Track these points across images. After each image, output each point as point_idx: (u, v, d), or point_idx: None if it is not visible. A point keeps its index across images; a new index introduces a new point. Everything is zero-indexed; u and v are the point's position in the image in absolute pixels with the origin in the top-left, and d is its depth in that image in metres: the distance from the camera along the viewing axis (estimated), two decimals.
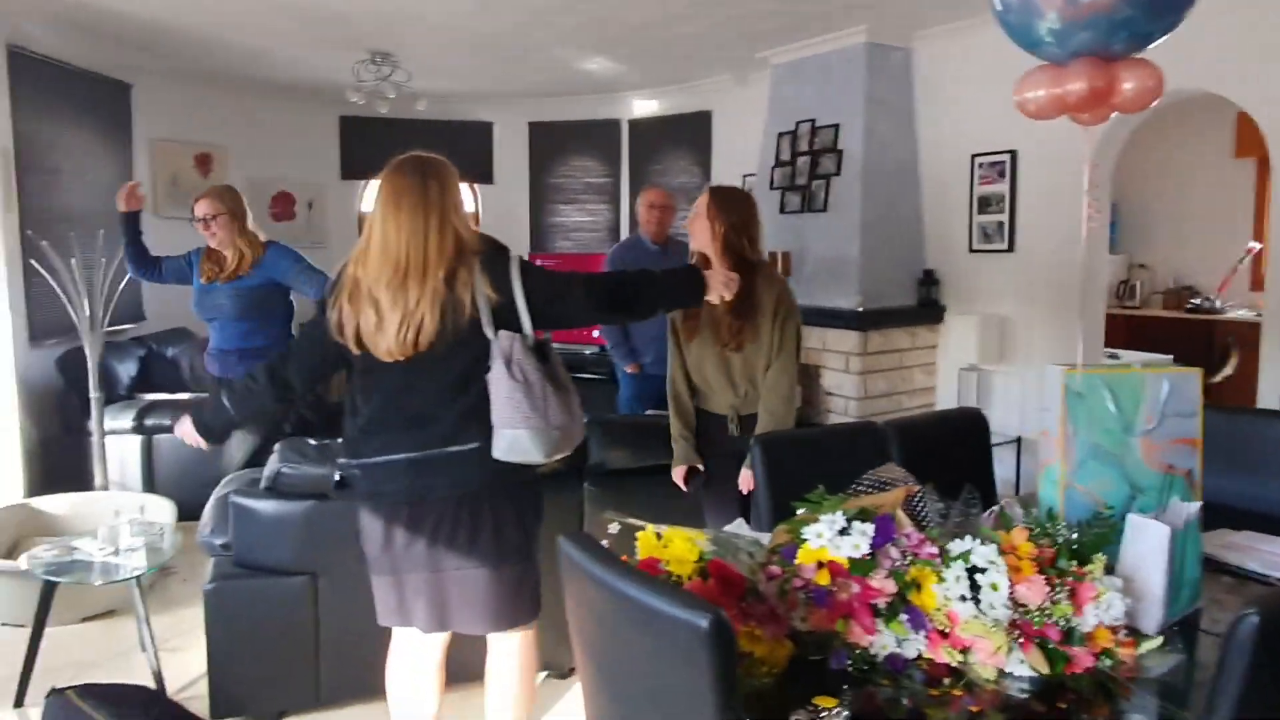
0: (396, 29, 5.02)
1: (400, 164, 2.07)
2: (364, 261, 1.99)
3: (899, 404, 5.13)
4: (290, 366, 2.16)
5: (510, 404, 1.94)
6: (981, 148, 4.85)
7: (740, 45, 5.46)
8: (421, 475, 2.00)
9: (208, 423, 2.28)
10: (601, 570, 1.27)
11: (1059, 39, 1.76)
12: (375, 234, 1.98)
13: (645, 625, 1.22)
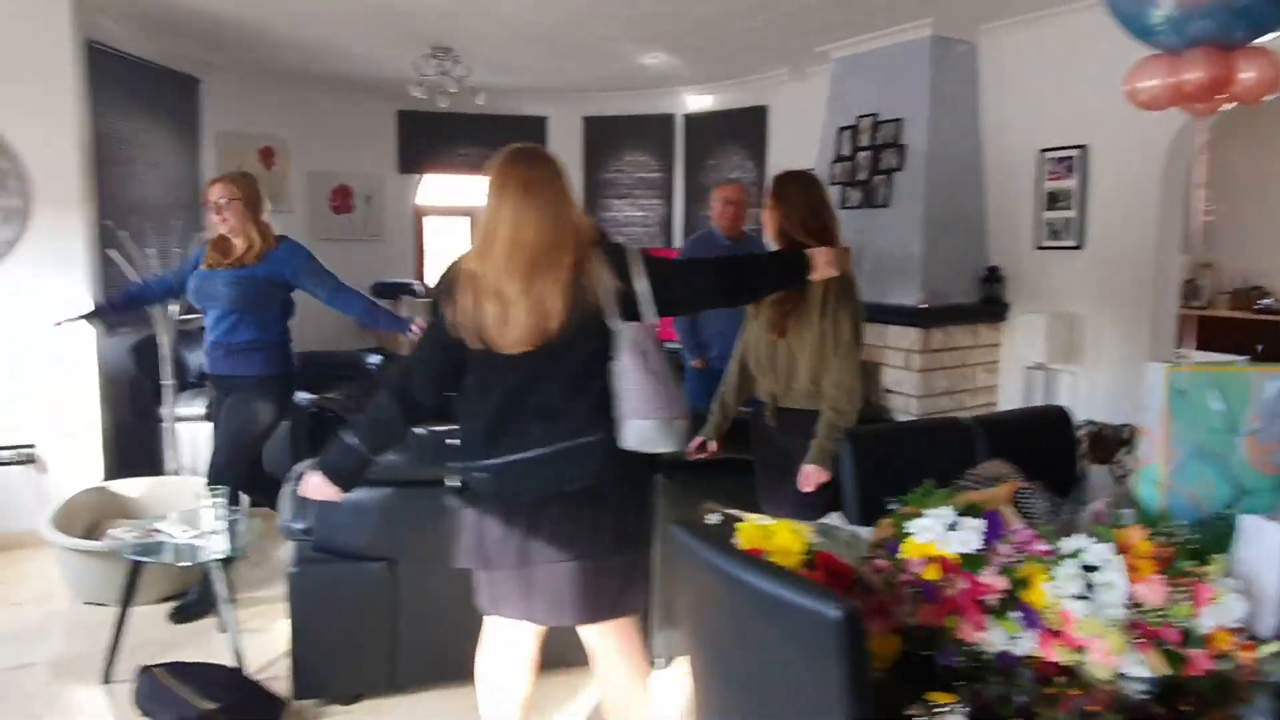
0: (460, 23, 5.06)
1: (519, 154, 2.01)
2: (487, 254, 1.93)
3: (960, 402, 5.06)
4: (416, 383, 2.07)
5: (642, 395, 1.93)
6: (1050, 142, 4.77)
7: (800, 39, 5.43)
8: (551, 470, 1.98)
9: (338, 468, 2.14)
10: (724, 560, 1.28)
11: (1175, 27, 1.73)
12: (504, 224, 1.91)
13: (771, 616, 1.21)
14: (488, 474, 2.01)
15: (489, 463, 2.01)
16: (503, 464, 1.99)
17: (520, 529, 2.01)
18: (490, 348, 1.95)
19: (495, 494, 2.03)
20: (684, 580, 1.42)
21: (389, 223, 7.48)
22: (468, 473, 2.06)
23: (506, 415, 1.99)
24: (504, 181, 1.95)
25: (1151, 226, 4.39)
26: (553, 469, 1.98)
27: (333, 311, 3.68)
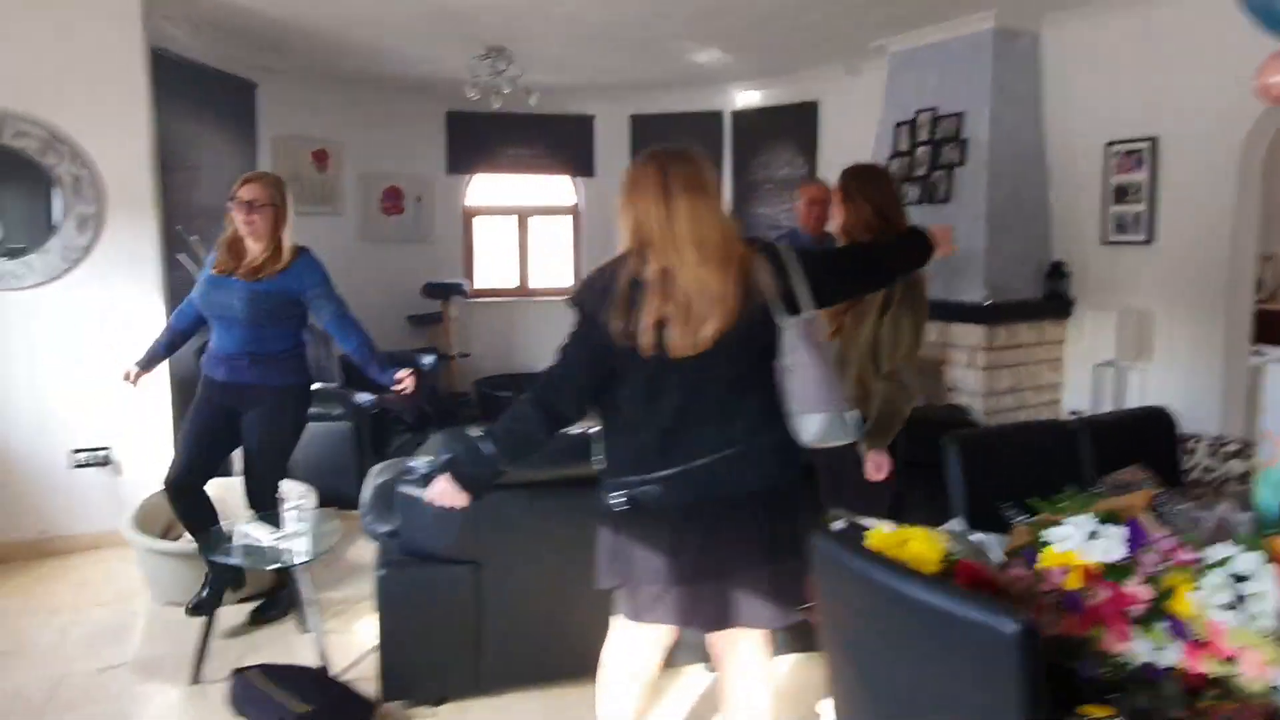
0: (520, 22, 5.06)
1: (678, 154, 1.96)
2: (675, 254, 1.85)
3: (1024, 401, 4.99)
4: (563, 394, 1.98)
5: (822, 387, 1.91)
6: (1117, 135, 4.68)
7: (856, 34, 5.37)
8: (732, 474, 1.92)
9: (472, 476, 2.04)
10: (880, 571, 1.25)
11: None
12: (682, 223, 1.85)
13: (936, 630, 1.19)
14: (659, 487, 1.91)
15: (662, 474, 1.91)
16: (679, 473, 1.90)
17: (697, 539, 1.93)
18: (666, 352, 1.87)
19: (670, 506, 1.92)
20: (828, 591, 1.40)
21: (438, 223, 7.52)
22: (635, 487, 1.94)
23: (680, 421, 1.91)
24: (669, 181, 1.88)
25: (1226, 219, 4.30)
26: (733, 473, 1.92)
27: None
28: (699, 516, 1.92)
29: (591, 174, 7.80)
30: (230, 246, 3.24)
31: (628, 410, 1.95)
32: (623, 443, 1.98)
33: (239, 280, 3.19)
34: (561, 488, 2.80)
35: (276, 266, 3.21)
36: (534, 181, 7.89)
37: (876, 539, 1.57)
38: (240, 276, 3.19)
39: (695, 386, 1.90)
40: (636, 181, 1.93)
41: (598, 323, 1.90)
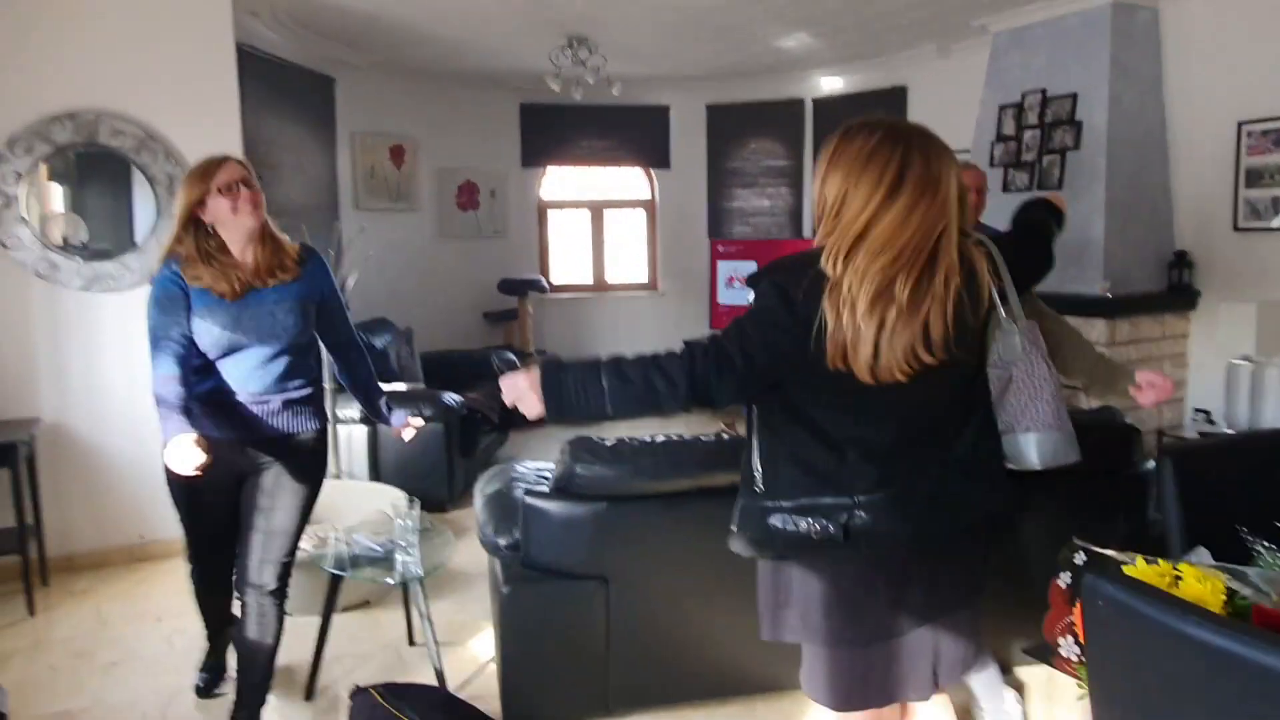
0: (606, 11, 4.91)
1: (918, 132, 1.63)
2: (884, 253, 1.55)
3: None
4: (725, 381, 1.59)
5: (1054, 401, 1.69)
6: (1251, 114, 4.36)
7: (956, 13, 5.11)
8: (955, 500, 1.68)
9: (566, 399, 1.61)
10: (1200, 626, 1.06)
11: None
12: (916, 216, 1.55)
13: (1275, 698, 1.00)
14: (874, 511, 1.62)
15: (878, 496, 1.62)
16: (898, 496, 1.62)
17: (923, 577, 1.70)
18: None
19: (887, 535, 1.63)
20: (1111, 642, 1.20)
21: (512, 218, 7.41)
22: (837, 513, 1.63)
23: (898, 440, 1.64)
24: (902, 170, 1.55)
25: None
26: (958, 499, 1.67)
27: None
28: (923, 549, 1.68)
29: (667, 166, 7.62)
30: (208, 259, 2.37)
31: (825, 423, 1.65)
32: (811, 459, 1.65)
33: (273, 288, 2.43)
34: (695, 498, 2.64)
35: (293, 258, 2.50)
36: (608, 174, 7.74)
37: (1142, 576, 1.37)
38: (263, 283, 2.41)
39: (916, 402, 1.63)
40: (850, 154, 1.58)
41: (799, 316, 1.57)
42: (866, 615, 1.68)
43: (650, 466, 2.64)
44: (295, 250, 2.53)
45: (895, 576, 1.67)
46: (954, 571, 1.73)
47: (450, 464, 4.84)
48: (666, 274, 7.81)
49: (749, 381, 1.61)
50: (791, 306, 1.57)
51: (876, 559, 1.66)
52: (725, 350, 1.59)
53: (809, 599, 1.70)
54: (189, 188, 2.37)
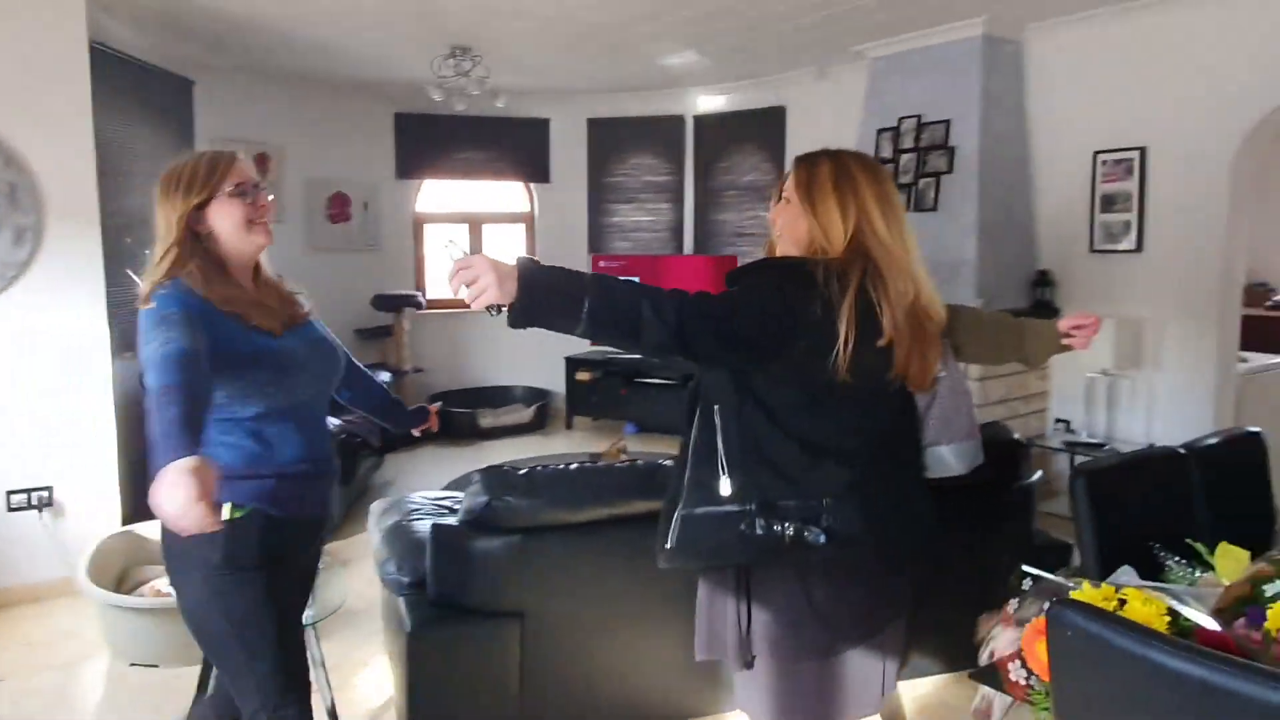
0: (492, 22, 4.78)
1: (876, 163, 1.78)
2: (897, 269, 1.67)
3: (1014, 410, 4.97)
4: (707, 336, 1.54)
5: (971, 411, 1.76)
6: (1105, 144, 4.69)
7: (833, 38, 5.27)
8: (908, 512, 1.73)
9: (539, 298, 1.44)
10: (1173, 654, 1.07)
11: None
12: (911, 239, 1.74)
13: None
14: (841, 517, 1.60)
15: (845, 501, 1.61)
16: (866, 503, 1.62)
17: (883, 584, 1.72)
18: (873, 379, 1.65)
19: (854, 541, 1.62)
20: (1083, 675, 1.21)
21: (387, 231, 7.12)
22: (810, 514, 1.60)
23: (868, 446, 1.66)
24: (889, 189, 1.72)
25: (1220, 229, 4.34)
26: (915, 508, 1.73)
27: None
28: (885, 555, 1.69)
29: (547, 180, 7.52)
30: (230, 275, 1.82)
31: (806, 426, 1.63)
32: (784, 461, 1.62)
33: (304, 324, 1.94)
34: (614, 526, 2.56)
35: (290, 294, 1.98)
36: (487, 187, 7.57)
37: (1089, 599, 1.40)
38: (290, 320, 1.89)
39: (888, 412, 1.70)
40: (852, 175, 1.67)
41: (797, 313, 1.58)
42: (836, 624, 1.67)
43: (568, 495, 2.54)
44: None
45: (863, 584, 1.68)
46: (906, 580, 1.76)
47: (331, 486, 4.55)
48: None
49: (729, 343, 1.57)
50: (788, 302, 1.58)
51: (847, 566, 1.65)
52: (717, 306, 1.58)
53: (772, 611, 1.66)
54: (187, 189, 1.77)
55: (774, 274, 1.67)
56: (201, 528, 1.28)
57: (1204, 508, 2.12)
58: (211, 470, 1.31)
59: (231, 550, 1.70)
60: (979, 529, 2.99)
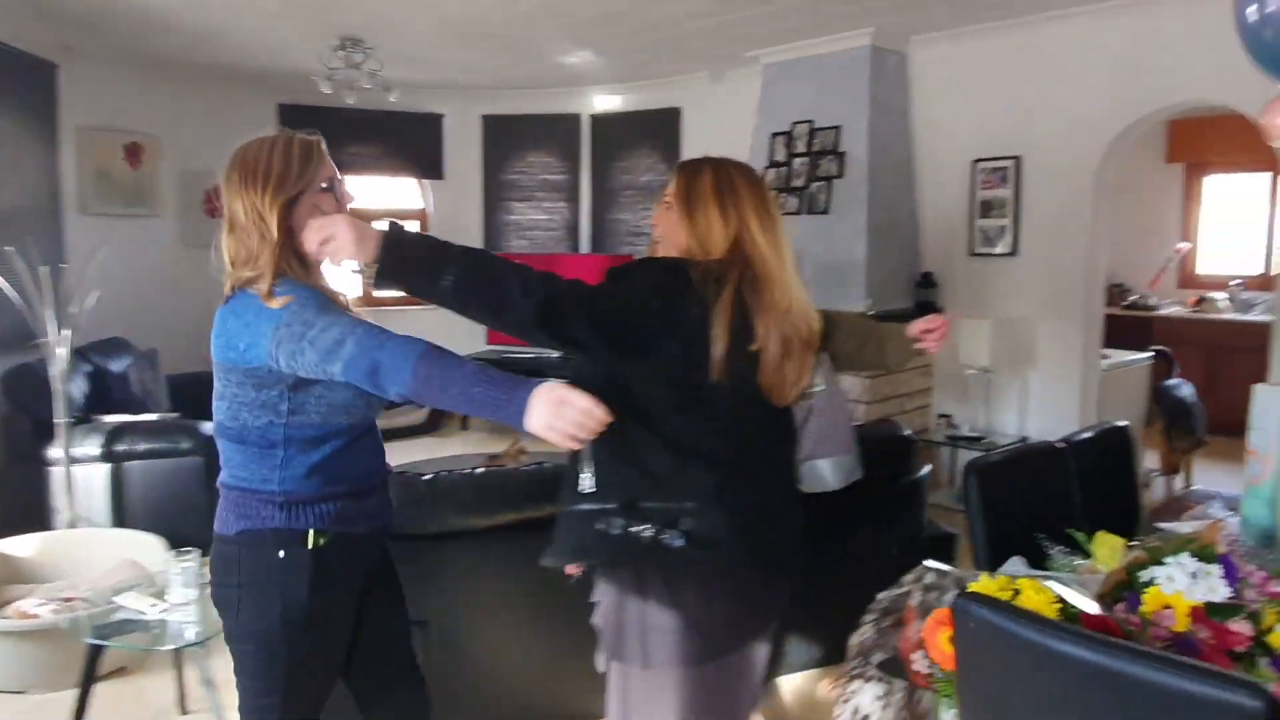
0: (382, 14, 4.64)
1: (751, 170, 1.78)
2: (773, 276, 1.65)
3: (901, 406, 5.17)
4: (577, 317, 1.53)
5: (848, 425, 1.81)
6: (983, 153, 4.94)
7: (727, 43, 5.36)
8: (774, 518, 1.71)
9: (406, 258, 1.47)
10: (1084, 646, 1.14)
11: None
12: (787, 248, 1.70)
13: (1150, 709, 1.10)
14: (704, 520, 1.59)
15: (709, 504, 1.59)
16: (731, 507, 1.61)
17: (755, 591, 1.70)
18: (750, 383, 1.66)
19: (717, 544, 1.60)
20: (986, 663, 1.27)
21: None
22: (673, 516, 1.58)
23: (736, 451, 1.66)
24: (768, 197, 1.71)
25: (1085, 234, 4.64)
26: (781, 515, 1.73)
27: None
28: (754, 560, 1.67)
29: (440, 176, 7.37)
30: (315, 273, 1.71)
31: (676, 428, 1.63)
32: (650, 462, 1.60)
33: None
34: (518, 531, 2.52)
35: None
36: (378, 183, 7.36)
37: (985, 590, 1.47)
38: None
39: (759, 419, 1.70)
40: (734, 184, 1.68)
41: (672, 312, 1.58)
42: (705, 631, 1.63)
43: (472, 501, 2.51)
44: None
45: (734, 591, 1.66)
46: (779, 586, 1.76)
47: (212, 501, 4.32)
48: None
49: (601, 328, 1.56)
50: (665, 298, 1.58)
51: (716, 572, 1.63)
52: (591, 292, 1.57)
53: (640, 615, 1.64)
54: (280, 183, 1.62)
55: (653, 271, 1.66)
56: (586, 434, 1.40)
57: (1080, 497, 2.26)
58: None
59: (317, 584, 1.64)
60: (873, 523, 3.11)
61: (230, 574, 1.67)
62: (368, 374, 1.49)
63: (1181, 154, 7.18)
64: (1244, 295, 6.87)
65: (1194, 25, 4.08)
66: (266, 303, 1.57)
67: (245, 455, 1.66)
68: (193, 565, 2.65)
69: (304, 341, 1.52)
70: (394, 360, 1.47)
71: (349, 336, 1.50)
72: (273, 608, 1.63)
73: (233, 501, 1.68)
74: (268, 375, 1.59)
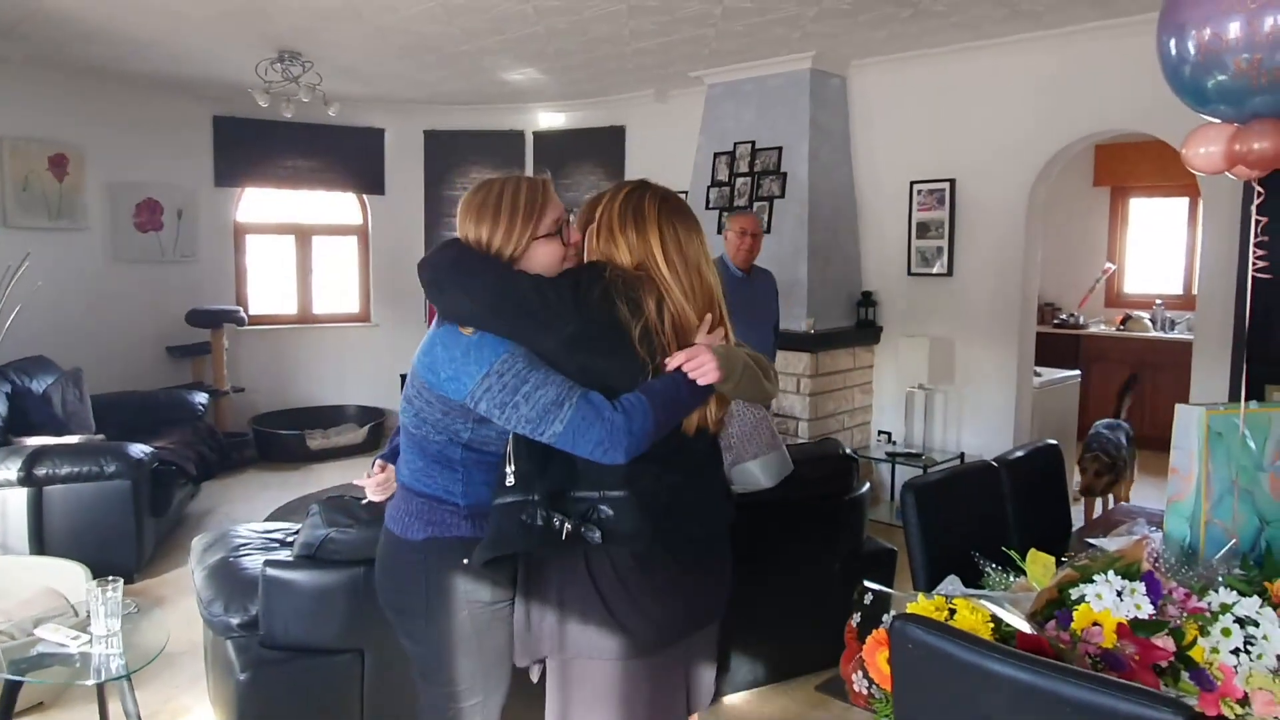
0: (322, 27, 4.58)
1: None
2: (695, 298, 1.69)
3: (842, 423, 5.25)
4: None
5: (769, 426, 1.86)
6: (920, 175, 5.06)
7: (671, 63, 5.41)
8: (687, 513, 1.68)
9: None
10: (1003, 662, 1.16)
11: (1235, 98, 1.82)
12: (711, 275, 1.71)
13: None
14: (619, 510, 1.58)
15: (622, 495, 1.57)
16: (643, 498, 1.58)
17: (673, 586, 1.67)
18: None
19: (631, 536, 1.59)
20: (924, 684, 1.29)
21: (204, 242, 6.65)
22: (588, 506, 1.58)
23: (660, 452, 1.64)
24: (684, 232, 1.70)
25: (1018, 255, 4.78)
26: (695, 511, 1.69)
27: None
28: (670, 554, 1.65)
29: (381, 191, 7.28)
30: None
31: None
32: (573, 455, 1.59)
33: None
34: None
35: None
36: (316, 198, 7.23)
37: (923, 611, 1.49)
38: None
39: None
40: (645, 213, 1.68)
41: (589, 312, 1.59)
42: (633, 624, 1.62)
43: None
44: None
45: (655, 583, 1.64)
46: (708, 584, 1.74)
47: (139, 526, 4.18)
48: (380, 304, 7.44)
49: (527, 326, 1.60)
50: (575, 289, 1.60)
51: (636, 564, 1.63)
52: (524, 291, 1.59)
53: (562, 609, 1.64)
54: (509, 225, 1.66)
55: (572, 271, 1.67)
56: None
57: (1013, 515, 2.32)
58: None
59: (495, 582, 1.72)
60: (815, 540, 3.14)
61: (416, 579, 1.72)
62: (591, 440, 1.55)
63: (1108, 178, 7.45)
64: (1166, 314, 7.14)
65: (1117, 55, 4.25)
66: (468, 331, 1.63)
67: (426, 463, 1.73)
68: (116, 595, 2.56)
69: (517, 396, 1.57)
70: (631, 419, 1.55)
71: (566, 398, 1.56)
72: (459, 611, 1.71)
73: (418, 509, 1.73)
74: (458, 408, 1.65)
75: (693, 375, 1.60)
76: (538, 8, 4.20)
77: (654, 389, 1.58)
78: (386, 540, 1.79)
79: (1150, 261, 7.58)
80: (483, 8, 4.22)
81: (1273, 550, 1.97)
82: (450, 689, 1.75)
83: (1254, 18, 1.77)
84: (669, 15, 4.33)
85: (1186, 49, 1.94)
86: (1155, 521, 2.51)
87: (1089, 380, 6.52)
